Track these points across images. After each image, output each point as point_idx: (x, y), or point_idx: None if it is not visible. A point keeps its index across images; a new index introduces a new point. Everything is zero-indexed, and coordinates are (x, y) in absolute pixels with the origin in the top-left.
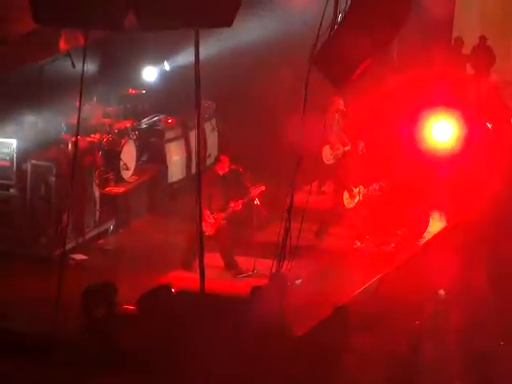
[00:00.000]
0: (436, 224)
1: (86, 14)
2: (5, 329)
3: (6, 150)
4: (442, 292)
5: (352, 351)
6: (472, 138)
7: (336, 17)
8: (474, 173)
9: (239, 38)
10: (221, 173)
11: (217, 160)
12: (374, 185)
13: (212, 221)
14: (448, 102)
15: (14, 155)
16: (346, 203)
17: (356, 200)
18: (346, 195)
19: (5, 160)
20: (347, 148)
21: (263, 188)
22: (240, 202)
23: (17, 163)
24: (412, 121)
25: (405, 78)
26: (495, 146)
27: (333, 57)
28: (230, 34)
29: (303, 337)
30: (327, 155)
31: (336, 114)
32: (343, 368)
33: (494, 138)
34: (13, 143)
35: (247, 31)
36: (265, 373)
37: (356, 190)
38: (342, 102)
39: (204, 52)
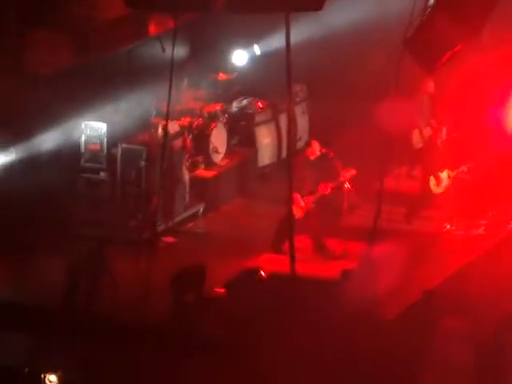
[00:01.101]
0: None
1: None
2: (95, 313)
3: (96, 134)
4: None
5: (440, 336)
6: None
7: (428, 0)
8: None
9: (331, 21)
10: (311, 157)
11: (307, 144)
12: (462, 167)
13: (302, 204)
14: None
15: (105, 139)
16: (433, 188)
17: (443, 184)
18: (432, 180)
19: (95, 144)
20: (431, 131)
21: (354, 172)
22: (329, 185)
23: (107, 147)
24: (501, 102)
25: (493, 57)
26: None
27: (425, 41)
28: (322, 18)
29: (393, 320)
30: (416, 139)
31: (425, 97)
32: (431, 352)
33: None
34: (103, 127)
35: (339, 14)
36: (354, 357)
37: (443, 175)
38: (432, 84)
39: (295, 35)
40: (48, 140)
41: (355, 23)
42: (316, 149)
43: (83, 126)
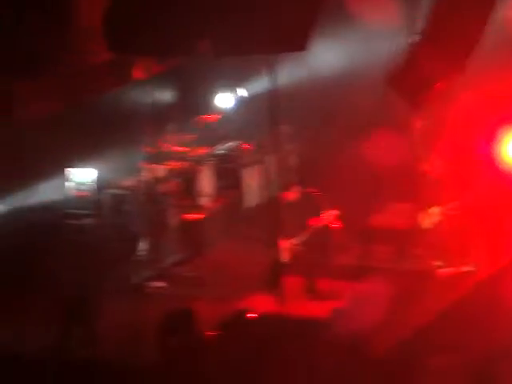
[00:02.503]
0: None
1: (160, 41)
2: (86, 358)
3: (83, 179)
4: None
5: (431, 372)
6: None
7: (411, 38)
8: None
9: (317, 62)
10: (294, 199)
11: (290, 187)
12: (452, 204)
13: (289, 245)
14: None
15: (92, 185)
16: (422, 224)
17: (433, 220)
18: (422, 215)
19: (82, 190)
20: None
21: (336, 213)
22: (315, 224)
23: (95, 193)
24: (489, 138)
25: (480, 94)
26: None
27: (408, 78)
28: (308, 59)
29: (382, 359)
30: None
31: (414, 134)
32: None
33: None
34: (90, 172)
35: (325, 55)
36: None
37: (433, 210)
38: (419, 121)
39: (281, 77)
40: (34, 186)
41: (341, 63)
42: (298, 191)
43: (70, 171)
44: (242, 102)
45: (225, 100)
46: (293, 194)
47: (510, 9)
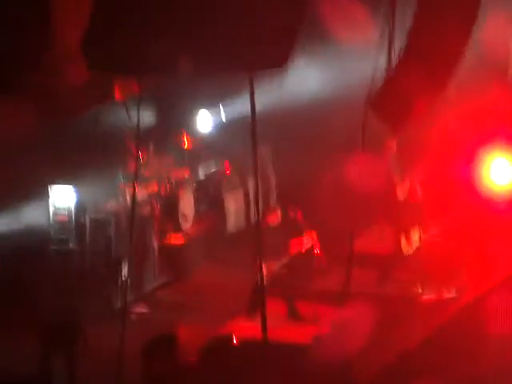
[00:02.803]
0: (498, 269)
1: (139, 60)
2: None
3: (65, 204)
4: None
5: None
6: None
7: (390, 59)
8: None
9: (296, 81)
10: (276, 222)
11: (271, 210)
12: (433, 229)
13: (271, 269)
14: (506, 139)
15: (73, 209)
16: (403, 249)
17: (414, 245)
18: (403, 241)
19: (63, 215)
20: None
21: (317, 236)
22: (296, 247)
23: (76, 217)
24: (470, 160)
25: (460, 114)
26: None
27: (389, 98)
28: (286, 78)
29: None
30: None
31: (390, 156)
32: None
33: None
34: (72, 196)
35: (304, 74)
36: None
37: (414, 235)
38: (394, 144)
39: (260, 98)
40: (14, 211)
41: (320, 83)
42: (278, 214)
43: (50, 195)
44: (222, 122)
45: (205, 120)
46: (274, 217)
47: (488, 27)
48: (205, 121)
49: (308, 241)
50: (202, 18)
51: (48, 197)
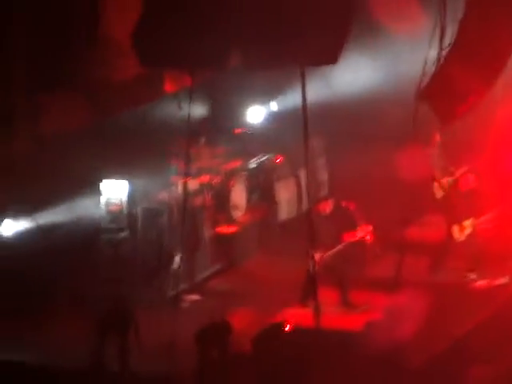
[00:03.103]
0: None
1: (191, 54)
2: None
3: (116, 195)
4: None
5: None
6: None
7: (441, 52)
8: None
9: (347, 75)
10: (327, 211)
11: (324, 199)
12: (486, 216)
13: (323, 258)
14: None
15: (125, 199)
16: (456, 236)
17: (466, 232)
18: (455, 228)
19: (116, 204)
20: (452, 180)
21: (370, 228)
22: (349, 237)
23: (128, 207)
24: None
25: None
26: None
27: (440, 92)
28: (337, 73)
29: (419, 370)
30: (436, 189)
31: (436, 148)
32: None
33: None
34: (123, 187)
35: (354, 68)
36: None
37: (466, 223)
38: (438, 135)
39: (312, 91)
40: (67, 202)
41: (371, 76)
42: (331, 203)
43: (102, 186)
44: (273, 115)
45: (256, 113)
46: (326, 207)
47: None
48: (256, 113)
49: (360, 230)
50: (253, 11)
51: (101, 188)
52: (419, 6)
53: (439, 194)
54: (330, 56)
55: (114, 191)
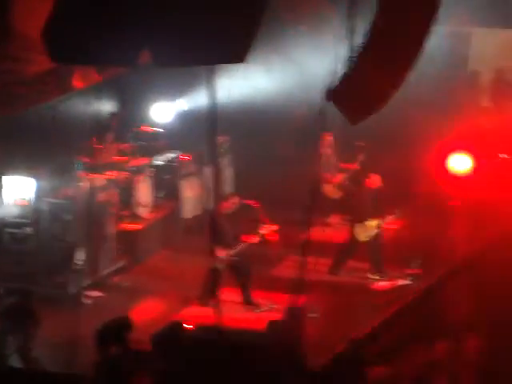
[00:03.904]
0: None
1: (100, 51)
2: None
3: (22, 190)
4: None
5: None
6: (487, 170)
7: (351, 51)
8: (490, 206)
9: (254, 75)
10: (232, 209)
11: (228, 197)
12: (389, 217)
13: (226, 256)
14: (463, 133)
15: (31, 194)
16: (359, 237)
17: (370, 233)
18: (359, 228)
19: (21, 199)
20: (350, 174)
21: (275, 228)
22: (254, 236)
23: (33, 202)
24: (427, 151)
25: (419, 109)
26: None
27: (349, 93)
28: (247, 71)
29: (320, 371)
30: (331, 191)
31: (328, 151)
32: None
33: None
34: (29, 182)
35: (262, 67)
36: None
37: (370, 223)
38: (330, 138)
39: (219, 89)
40: None
41: (278, 76)
42: (236, 201)
43: (8, 181)
44: (181, 113)
45: (164, 111)
46: (230, 206)
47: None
48: (164, 111)
49: (264, 229)
50: (162, 8)
51: (6, 182)
52: (331, 4)
53: (336, 194)
54: (237, 54)
55: (20, 186)
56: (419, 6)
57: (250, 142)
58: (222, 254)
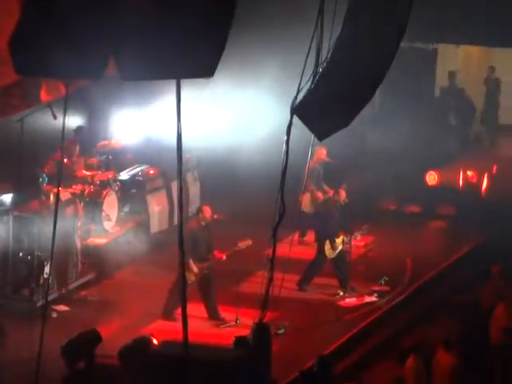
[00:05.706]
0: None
1: (67, 63)
2: None
3: None
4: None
5: None
6: None
7: (317, 67)
8: None
9: (225, 87)
10: (203, 223)
11: (199, 210)
12: (356, 233)
13: (195, 270)
14: None
15: None
16: (327, 253)
17: (338, 250)
18: (327, 245)
19: None
20: (327, 197)
21: (249, 242)
22: (224, 252)
23: None
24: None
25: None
26: None
27: (315, 109)
28: (215, 84)
29: None
30: (307, 204)
31: (318, 165)
32: None
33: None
34: None
35: (234, 81)
36: None
37: (338, 240)
38: (325, 151)
39: (188, 102)
40: None
41: (249, 88)
42: (207, 214)
43: None
44: (148, 127)
45: (131, 124)
46: (197, 221)
47: None
48: (131, 124)
49: (233, 244)
50: (130, 21)
51: None
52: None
53: (309, 209)
54: (205, 68)
55: None
56: (385, 23)
57: (219, 156)
58: (192, 267)
